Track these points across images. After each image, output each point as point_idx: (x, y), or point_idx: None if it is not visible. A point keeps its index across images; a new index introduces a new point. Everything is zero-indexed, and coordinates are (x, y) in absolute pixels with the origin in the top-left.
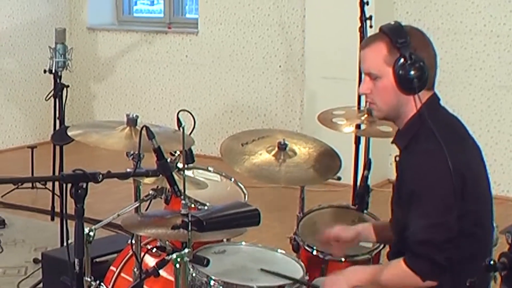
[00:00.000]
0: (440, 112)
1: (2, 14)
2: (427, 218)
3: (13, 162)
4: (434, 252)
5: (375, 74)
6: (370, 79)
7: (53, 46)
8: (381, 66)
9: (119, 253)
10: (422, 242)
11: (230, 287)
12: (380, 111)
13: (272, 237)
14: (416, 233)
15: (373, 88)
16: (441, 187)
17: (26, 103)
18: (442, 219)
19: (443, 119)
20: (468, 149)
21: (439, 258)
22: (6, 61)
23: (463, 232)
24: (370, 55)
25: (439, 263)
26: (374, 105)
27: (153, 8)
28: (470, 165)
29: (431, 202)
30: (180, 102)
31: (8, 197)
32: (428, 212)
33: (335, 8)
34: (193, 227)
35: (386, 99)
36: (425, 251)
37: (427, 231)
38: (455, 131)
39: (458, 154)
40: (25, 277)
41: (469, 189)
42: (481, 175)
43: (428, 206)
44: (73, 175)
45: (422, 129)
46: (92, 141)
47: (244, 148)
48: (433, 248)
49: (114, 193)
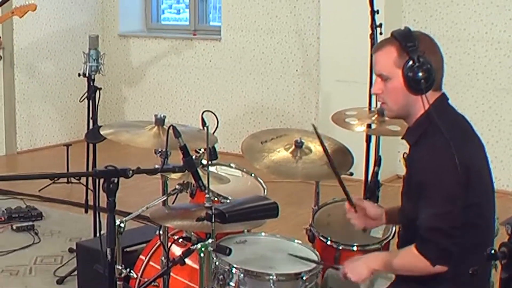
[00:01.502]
0: (447, 110)
1: (40, 22)
2: (434, 207)
3: (50, 159)
4: (441, 238)
5: (386, 76)
6: (381, 80)
7: (87, 52)
8: (391, 68)
9: (147, 243)
10: (430, 229)
11: (250, 275)
12: (391, 110)
13: (289, 228)
14: (424, 221)
15: (384, 89)
16: (447, 179)
17: (62, 104)
18: (448, 209)
19: (450, 117)
20: (473, 145)
21: (446, 243)
22: (44, 65)
23: (467, 223)
24: (381, 58)
25: (447, 248)
26: (385, 105)
27: (179, 17)
28: (474, 160)
29: (438, 193)
30: (205, 104)
31: (45, 191)
32: (435, 202)
33: (348, 16)
34: (216, 219)
35: (396, 99)
36: (433, 237)
37: (434, 219)
38: (461, 129)
39: (463, 150)
40: (61, 265)
41: (473, 182)
42: (484, 170)
43: (435, 197)
44: (105, 171)
45: (430, 126)
46: (123, 140)
47: (263, 146)
48: (440, 234)
49: (143, 187)
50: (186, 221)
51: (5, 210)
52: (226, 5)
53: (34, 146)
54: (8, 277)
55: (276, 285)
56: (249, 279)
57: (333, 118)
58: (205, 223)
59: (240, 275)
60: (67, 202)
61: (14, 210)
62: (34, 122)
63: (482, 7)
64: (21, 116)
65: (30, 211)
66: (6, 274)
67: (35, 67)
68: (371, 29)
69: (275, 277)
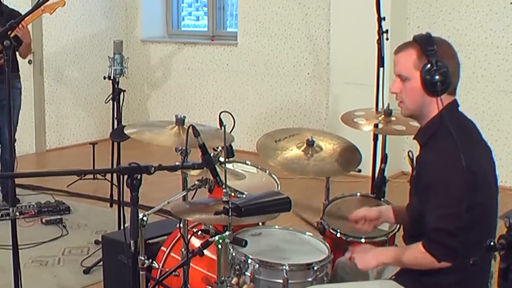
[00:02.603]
0: (457, 115)
1: (67, 28)
2: (441, 208)
3: (77, 157)
4: (447, 238)
5: (405, 76)
6: (400, 80)
7: (112, 56)
8: (410, 69)
9: (169, 235)
10: (436, 229)
11: (265, 265)
12: (407, 109)
13: (301, 222)
14: (432, 221)
15: (403, 88)
16: (454, 182)
17: (89, 105)
18: (454, 210)
19: (459, 122)
20: (479, 149)
21: (451, 243)
22: (71, 69)
23: (472, 222)
24: (402, 59)
25: (452, 247)
26: (403, 103)
27: (198, 23)
28: (480, 163)
29: (445, 194)
30: (222, 105)
31: (73, 187)
32: (442, 203)
33: (356, 23)
34: (233, 212)
35: (413, 98)
36: (439, 237)
37: (441, 220)
38: (469, 133)
39: (471, 153)
40: (87, 256)
41: (479, 184)
42: (489, 173)
43: (442, 198)
44: (129, 168)
45: (441, 128)
46: (145, 138)
47: (277, 144)
48: (446, 234)
49: (165, 183)
50: (204, 215)
51: (35, 205)
52: (242, 12)
53: (62, 145)
54: (38, 267)
55: (289, 274)
56: (264, 269)
57: (342, 118)
58: (223, 217)
59: (255, 265)
60: (93, 197)
61: (44, 205)
62: (62, 122)
63: (482, 14)
64: (50, 117)
65: (59, 206)
66: (36, 264)
67: (63, 71)
68: (378, 35)
69: (288, 267)
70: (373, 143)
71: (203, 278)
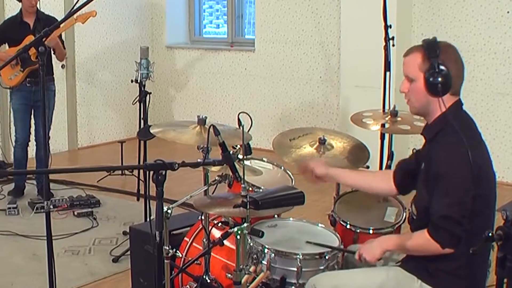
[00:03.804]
0: (461, 114)
1: (98, 35)
2: (448, 197)
3: (106, 154)
4: (452, 226)
5: (411, 77)
6: (407, 81)
7: (139, 61)
8: (416, 71)
9: (191, 227)
10: (443, 217)
11: (280, 254)
12: (414, 107)
13: (314, 214)
14: (438, 209)
15: (410, 88)
16: (461, 173)
17: (117, 107)
18: (460, 199)
19: (463, 120)
20: (482, 145)
21: (457, 231)
22: (101, 73)
23: (475, 211)
24: (409, 62)
25: (457, 234)
26: (410, 102)
27: (218, 30)
28: (483, 157)
29: (452, 185)
30: (240, 106)
31: (102, 182)
32: (449, 192)
33: (365, 30)
34: (250, 206)
35: (418, 98)
36: (445, 224)
37: (448, 208)
38: (472, 130)
39: (475, 148)
40: (116, 246)
41: (482, 177)
42: (490, 167)
43: (449, 188)
44: (155, 164)
45: (446, 126)
46: (169, 137)
47: (291, 142)
48: (451, 222)
49: (187, 178)
50: (224, 208)
51: (68, 199)
52: (259, 20)
53: (92, 143)
54: (70, 256)
55: (302, 263)
56: (279, 258)
57: (352, 119)
58: (241, 210)
59: (271, 254)
60: (121, 192)
61: (76, 199)
62: (93, 122)
63: (480, 22)
64: (81, 117)
65: (89, 199)
66: (69, 254)
67: (94, 75)
68: (385, 42)
69: (301, 256)
70: (380, 141)
71: (223, 267)
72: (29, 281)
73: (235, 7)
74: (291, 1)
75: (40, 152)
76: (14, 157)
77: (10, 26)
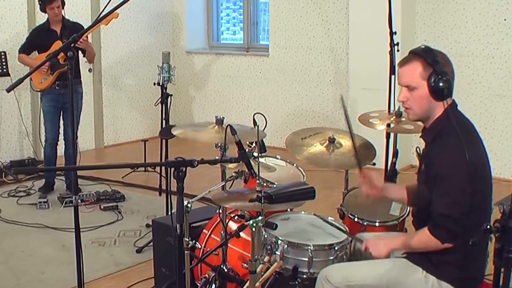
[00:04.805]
0: (457, 114)
1: (122, 42)
2: (447, 197)
3: (131, 152)
4: (451, 223)
5: (412, 86)
6: (407, 90)
7: (161, 65)
8: (417, 79)
9: (209, 220)
10: (442, 215)
11: (292, 245)
12: (416, 114)
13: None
14: (438, 207)
15: (410, 97)
16: (459, 174)
17: (140, 108)
18: (459, 198)
19: (460, 120)
20: (477, 143)
21: (454, 227)
22: (126, 77)
23: (473, 206)
24: (408, 72)
25: (454, 231)
26: (411, 110)
27: (235, 37)
28: (480, 156)
29: (451, 185)
30: (255, 107)
31: (127, 178)
32: (448, 191)
33: (372, 36)
34: (265, 200)
35: (421, 105)
36: (444, 222)
37: (447, 206)
38: (469, 129)
39: (472, 147)
40: (139, 238)
41: (479, 174)
42: (486, 164)
43: (448, 188)
44: (176, 162)
45: (445, 127)
46: (189, 136)
47: (303, 141)
48: (450, 220)
49: (206, 175)
50: (240, 202)
51: (95, 193)
52: (273, 27)
53: (118, 141)
54: (97, 247)
55: (313, 253)
56: (292, 249)
57: (359, 119)
58: (256, 204)
59: (284, 245)
60: (144, 187)
61: (102, 193)
62: (118, 122)
63: (479, 29)
64: (107, 118)
65: (115, 194)
66: (96, 245)
67: (119, 78)
68: (390, 47)
69: (312, 247)
70: (385, 140)
71: (239, 257)
72: (59, 271)
73: (251, 15)
74: (302, 10)
75: (68, 150)
76: (44, 155)
77: (38, 34)
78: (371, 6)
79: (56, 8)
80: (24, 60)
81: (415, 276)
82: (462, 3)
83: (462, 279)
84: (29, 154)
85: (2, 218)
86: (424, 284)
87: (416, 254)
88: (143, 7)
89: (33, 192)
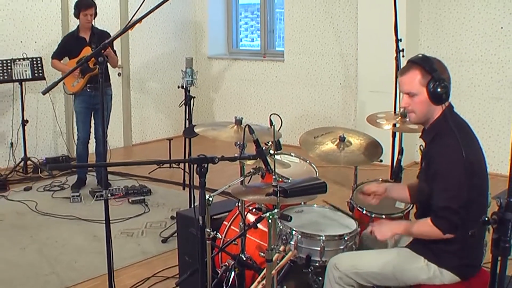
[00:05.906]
0: (454, 116)
1: (149, 48)
2: (446, 191)
3: (157, 150)
4: (452, 215)
5: (413, 93)
6: (408, 96)
7: (184, 70)
8: (417, 86)
9: (229, 212)
10: (442, 208)
11: (306, 236)
12: (418, 118)
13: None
14: (439, 201)
15: (411, 103)
16: (456, 171)
17: (166, 109)
18: (457, 193)
19: (456, 121)
20: (473, 142)
21: (454, 219)
22: (152, 81)
23: (472, 199)
24: (408, 80)
25: (455, 222)
26: (413, 114)
27: (253, 43)
28: (475, 153)
29: (450, 181)
30: (272, 108)
31: (153, 173)
32: (447, 187)
33: (379, 43)
34: (280, 194)
35: (422, 109)
36: (445, 214)
37: (446, 200)
38: (465, 130)
39: (468, 147)
40: (164, 229)
41: (476, 170)
42: (482, 160)
43: (448, 183)
44: (198, 159)
45: (442, 128)
46: (211, 135)
47: (315, 140)
48: (450, 211)
49: (226, 171)
50: (258, 196)
51: (123, 188)
52: (288, 35)
53: (145, 140)
54: (125, 237)
55: (325, 243)
56: (305, 239)
57: (368, 119)
58: (272, 197)
59: (298, 236)
60: (169, 182)
61: (130, 188)
62: (145, 122)
63: (478, 36)
64: (135, 118)
65: (142, 188)
66: (124, 235)
67: (145, 82)
68: (396, 53)
69: (324, 237)
70: (392, 139)
71: (257, 246)
72: (90, 259)
73: (267, 23)
74: (315, 18)
75: (99, 148)
76: (77, 153)
77: (68, 41)
78: (378, 15)
79: (89, 15)
80: (57, 66)
81: (417, 264)
82: (463, 13)
83: (460, 266)
84: (63, 152)
85: (38, 210)
86: (426, 272)
87: (418, 245)
88: (168, 16)
89: (67, 187)
